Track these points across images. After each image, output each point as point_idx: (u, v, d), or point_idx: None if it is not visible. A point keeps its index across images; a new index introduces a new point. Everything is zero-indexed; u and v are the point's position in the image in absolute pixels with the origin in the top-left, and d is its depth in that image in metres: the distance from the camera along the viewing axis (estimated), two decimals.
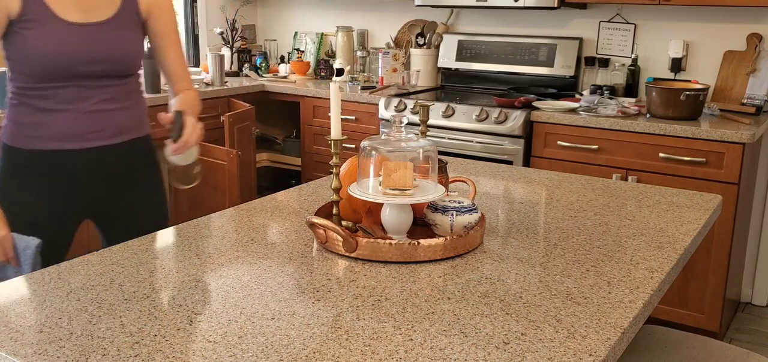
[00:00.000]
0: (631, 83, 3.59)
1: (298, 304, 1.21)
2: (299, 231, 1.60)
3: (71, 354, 1.03)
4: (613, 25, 3.69)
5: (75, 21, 1.78)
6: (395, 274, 1.34)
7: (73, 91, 1.81)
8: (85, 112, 1.83)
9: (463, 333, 1.11)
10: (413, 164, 1.45)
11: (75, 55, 1.77)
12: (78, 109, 1.82)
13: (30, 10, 1.74)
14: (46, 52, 1.75)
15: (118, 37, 1.84)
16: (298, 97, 4.13)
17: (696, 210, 1.81)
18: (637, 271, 1.38)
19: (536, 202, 1.88)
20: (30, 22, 1.74)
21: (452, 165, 2.19)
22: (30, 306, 1.20)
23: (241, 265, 1.38)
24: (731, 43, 3.43)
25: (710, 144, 2.93)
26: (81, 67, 1.79)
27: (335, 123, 1.52)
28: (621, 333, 1.13)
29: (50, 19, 1.75)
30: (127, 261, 1.41)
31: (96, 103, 1.84)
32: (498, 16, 4.04)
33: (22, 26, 1.74)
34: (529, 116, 3.30)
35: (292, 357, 1.03)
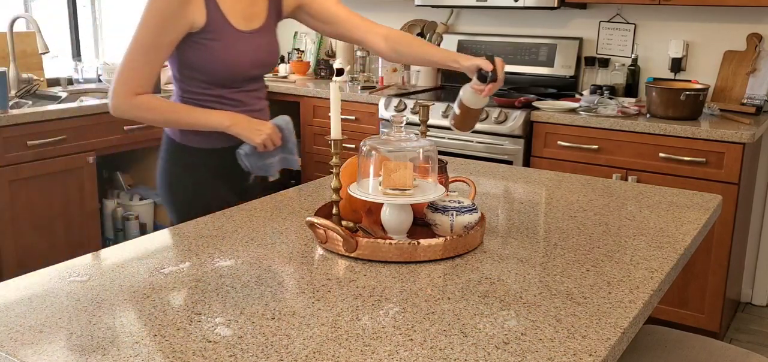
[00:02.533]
0: (631, 83, 3.59)
1: (298, 304, 1.21)
2: (299, 231, 1.60)
3: (71, 354, 1.03)
4: (613, 25, 3.69)
5: (243, 30, 1.92)
6: (395, 274, 1.34)
7: (241, 94, 1.96)
8: (248, 112, 1.96)
9: (463, 333, 1.11)
10: (413, 164, 1.45)
11: (248, 62, 1.93)
12: (247, 110, 1.96)
13: (213, 23, 1.85)
14: (228, 61, 1.89)
15: (270, 41, 2.00)
16: (298, 97, 4.13)
17: (696, 210, 1.81)
18: (637, 271, 1.38)
19: (536, 202, 1.88)
20: (213, 33, 1.86)
21: (452, 165, 2.19)
22: (30, 306, 1.20)
23: (241, 265, 1.38)
24: (731, 43, 3.43)
25: (710, 144, 2.92)
26: (250, 71, 1.95)
27: (335, 123, 1.52)
28: (621, 333, 1.13)
29: (230, 31, 1.89)
30: (127, 261, 1.41)
31: (254, 103, 2.00)
32: (498, 16, 4.04)
33: (205, 37, 1.86)
34: (529, 116, 3.30)
35: (292, 357, 1.03)
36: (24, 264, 3.07)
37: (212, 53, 1.87)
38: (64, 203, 3.26)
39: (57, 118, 3.17)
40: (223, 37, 1.88)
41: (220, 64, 1.88)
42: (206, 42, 1.86)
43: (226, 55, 1.88)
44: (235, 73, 1.92)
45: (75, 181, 3.29)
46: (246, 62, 1.93)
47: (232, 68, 1.90)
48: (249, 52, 1.93)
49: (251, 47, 1.93)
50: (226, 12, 1.88)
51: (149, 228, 3.89)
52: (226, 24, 1.88)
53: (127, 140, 3.52)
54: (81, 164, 3.30)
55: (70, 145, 3.24)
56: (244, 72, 1.94)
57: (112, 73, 3.87)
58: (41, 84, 3.66)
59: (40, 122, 3.11)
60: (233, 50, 1.89)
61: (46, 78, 3.80)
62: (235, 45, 1.90)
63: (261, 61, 1.97)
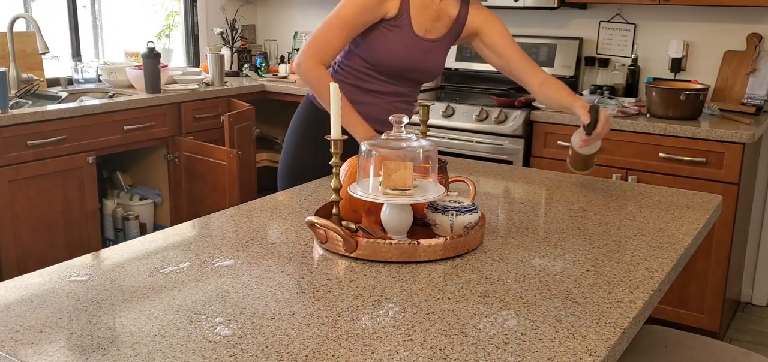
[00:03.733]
0: (631, 83, 3.59)
1: (298, 304, 1.21)
2: (299, 231, 1.60)
3: (71, 354, 1.03)
4: (613, 25, 3.69)
5: (420, 35, 2.12)
6: (395, 274, 1.34)
7: (392, 87, 2.17)
8: (393, 104, 2.18)
9: (463, 333, 1.11)
10: (413, 164, 1.45)
11: (411, 63, 2.13)
12: (390, 101, 2.17)
13: (399, 16, 2.07)
14: (397, 54, 2.10)
15: (439, 55, 2.19)
16: (298, 97, 4.12)
17: (696, 210, 1.81)
18: (637, 271, 1.38)
19: (536, 202, 1.88)
20: (394, 27, 2.08)
21: (452, 165, 2.19)
22: (30, 306, 1.20)
23: (241, 265, 1.38)
24: (731, 43, 3.43)
25: (710, 144, 2.92)
26: (410, 73, 2.16)
27: (335, 123, 1.52)
28: (621, 333, 1.13)
29: (408, 29, 2.09)
30: (127, 261, 1.41)
31: (401, 101, 2.20)
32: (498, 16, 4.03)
33: (387, 27, 2.07)
34: (529, 116, 3.30)
35: (292, 357, 1.03)
36: (24, 264, 3.07)
37: (387, 41, 2.08)
38: (64, 203, 3.26)
39: (57, 118, 3.17)
40: (400, 33, 2.08)
41: (388, 55, 2.09)
42: (386, 30, 2.08)
43: (397, 48, 2.09)
44: (396, 67, 2.12)
45: (75, 181, 3.29)
46: (409, 63, 2.12)
47: (397, 62, 2.10)
48: (416, 55, 2.12)
49: (418, 51, 2.12)
50: (413, 15, 2.09)
51: (149, 228, 3.89)
52: (408, 23, 2.09)
53: (127, 140, 3.52)
54: (81, 164, 3.30)
55: (70, 145, 3.24)
56: (404, 70, 2.14)
57: (112, 74, 3.88)
58: (41, 84, 3.65)
59: (40, 122, 3.11)
60: (404, 47, 2.09)
61: (46, 78, 3.80)
62: (408, 44, 2.10)
63: (423, 67, 2.16)
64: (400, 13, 2.07)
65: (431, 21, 2.12)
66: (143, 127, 3.56)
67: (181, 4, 4.62)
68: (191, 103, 3.81)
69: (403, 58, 2.10)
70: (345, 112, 2.02)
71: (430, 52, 2.15)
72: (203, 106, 3.89)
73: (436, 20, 2.13)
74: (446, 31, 2.16)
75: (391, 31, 2.08)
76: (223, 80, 4.12)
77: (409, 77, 2.17)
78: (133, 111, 3.51)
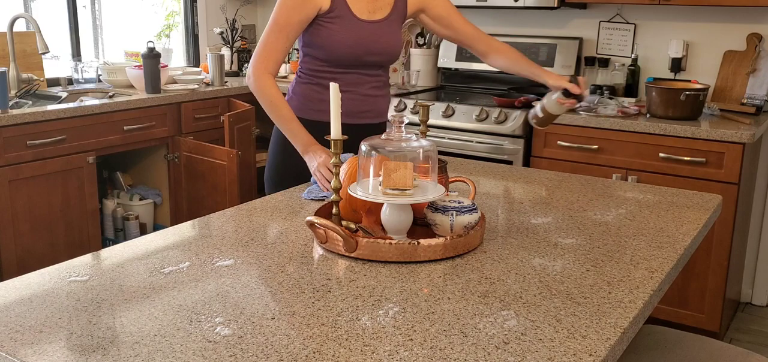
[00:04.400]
0: (631, 83, 3.59)
1: (298, 304, 1.21)
2: (299, 231, 1.60)
3: (71, 354, 1.03)
4: (613, 25, 3.69)
5: (364, 19, 2.11)
6: (395, 274, 1.34)
7: (354, 77, 2.15)
8: (361, 94, 2.17)
9: (463, 333, 1.11)
10: (413, 164, 1.45)
11: (363, 48, 2.11)
12: (357, 92, 2.16)
13: (335, 7, 2.07)
14: (345, 43, 2.09)
15: (391, 33, 2.17)
16: None
17: (696, 210, 1.81)
18: (637, 271, 1.38)
19: (536, 202, 1.88)
20: (335, 18, 2.07)
21: (452, 165, 2.19)
22: (30, 306, 1.20)
23: (241, 265, 1.38)
24: (731, 43, 3.43)
25: (710, 144, 2.92)
26: (366, 57, 2.13)
27: (335, 123, 1.52)
28: (621, 333, 1.13)
29: (350, 17, 2.09)
30: (127, 261, 1.41)
31: (368, 89, 2.19)
32: (498, 16, 4.04)
33: (327, 20, 2.07)
34: None
35: (292, 357, 1.03)
36: (24, 264, 3.07)
37: (330, 34, 2.09)
38: (64, 203, 3.26)
39: (57, 118, 3.17)
40: (342, 21, 2.08)
41: (336, 45, 2.09)
42: (327, 24, 2.08)
43: (343, 37, 2.09)
44: (351, 54, 2.11)
45: (75, 181, 3.29)
46: (361, 48, 2.11)
47: (350, 49, 2.10)
48: (365, 39, 2.11)
49: (369, 34, 2.12)
50: (350, 1, 2.09)
51: (149, 228, 3.89)
52: (347, 10, 2.09)
53: (127, 140, 3.52)
54: (81, 164, 3.30)
55: (70, 145, 3.24)
56: (361, 55, 2.12)
57: (112, 74, 3.88)
58: (41, 84, 3.65)
59: (40, 122, 3.11)
60: (350, 34, 2.09)
61: (46, 78, 3.80)
62: (353, 30, 2.09)
63: (377, 49, 2.14)
64: (335, 3, 2.07)
65: (371, 2, 2.13)
66: (143, 127, 3.56)
67: (181, 4, 4.62)
68: (191, 103, 3.81)
69: (353, 44, 2.10)
70: (287, 123, 2.06)
71: (380, 32, 2.14)
72: (203, 106, 3.88)
73: (376, 1, 2.14)
74: (390, 9, 2.16)
75: (333, 22, 2.08)
76: (223, 80, 4.12)
77: (368, 62, 2.15)
78: (133, 111, 3.51)
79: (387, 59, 2.20)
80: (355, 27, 2.09)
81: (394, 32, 2.19)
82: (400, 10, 2.19)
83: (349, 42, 2.09)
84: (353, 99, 2.14)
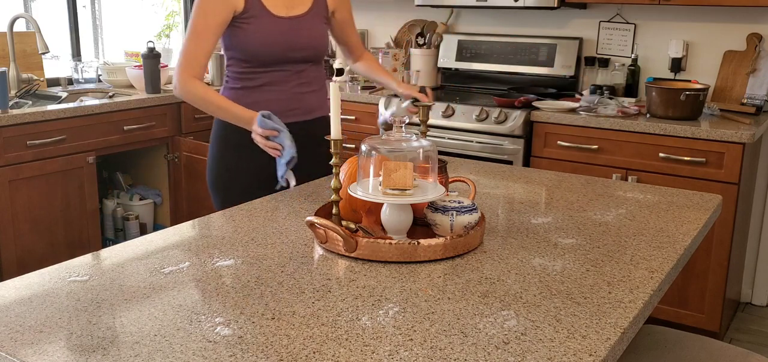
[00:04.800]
0: (631, 83, 3.59)
1: (298, 304, 1.21)
2: (299, 231, 1.60)
3: (71, 354, 1.03)
4: (613, 25, 3.69)
5: (282, 15, 2.11)
6: (395, 274, 1.34)
7: (280, 75, 2.15)
8: (287, 92, 2.17)
9: (463, 333, 1.11)
10: (413, 164, 1.45)
11: (284, 44, 2.11)
12: (282, 90, 2.16)
13: (250, 7, 2.06)
14: (263, 42, 2.09)
15: (313, 28, 2.17)
16: None
17: (696, 210, 1.81)
18: (637, 271, 1.38)
19: (536, 202, 1.88)
20: (250, 17, 2.07)
21: (452, 165, 2.19)
22: (30, 306, 1.20)
23: (241, 265, 1.38)
24: (731, 43, 3.43)
25: (710, 144, 2.92)
26: (288, 53, 2.13)
27: (335, 123, 1.52)
28: (621, 333, 1.13)
29: (265, 15, 2.08)
30: (127, 261, 1.41)
31: (295, 86, 2.18)
32: (498, 16, 4.04)
33: (243, 21, 2.07)
34: (529, 116, 3.30)
35: (292, 357, 1.03)
36: (24, 264, 3.07)
37: (247, 34, 2.08)
38: (64, 203, 3.26)
39: (57, 118, 3.17)
40: (259, 20, 2.07)
41: (255, 45, 2.09)
42: (243, 24, 2.07)
43: (260, 36, 2.08)
44: (270, 52, 2.10)
45: (75, 180, 3.29)
46: (280, 45, 2.10)
47: (268, 48, 2.09)
48: (285, 35, 2.11)
49: (287, 30, 2.11)
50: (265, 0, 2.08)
51: (149, 228, 3.89)
52: (263, 9, 2.08)
53: (127, 140, 3.52)
54: (81, 164, 3.30)
55: (70, 145, 3.24)
56: (281, 53, 2.12)
57: (112, 74, 3.88)
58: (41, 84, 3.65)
59: (40, 122, 3.11)
60: (267, 33, 2.08)
61: (46, 78, 3.80)
62: (270, 28, 2.09)
63: (299, 45, 2.14)
64: (249, 3, 2.06)
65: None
66: (143, 127, 3.56)
67: (181, 4, 4.62)
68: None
69: (271, 42, 2.09)
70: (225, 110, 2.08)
71: (300, 27, 2.14)
72: None
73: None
74: (311, 4, 2.17)
75: (249, 22, 2.07)
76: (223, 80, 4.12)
77: (291, 58, 2.14)
78: (133, 111, 3.51)
79: (312, 54, 2.19)
80: (272, 24, 2.09)
81: (317, 27, 2.19)
82: (321, 5, 2.20)
83: (267, 40, 2.09)
84: (277, 97, 2.14)
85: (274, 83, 2.15)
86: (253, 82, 2.14)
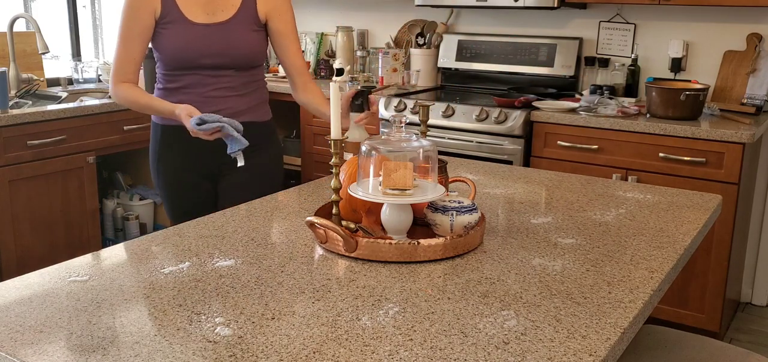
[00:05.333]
0: (631, 83, 3.59)
1: (298, 304, 1.21)
2: (299, 231, 1.60)
3: (71, 354, 1.03)
4: (613, 25, 3.69)
5: (200, 22, 2.12)
6: (395, 274, 1.34)
7: (196, 78, 2.15)
8: (204, 95, 2.15)
9: (463, 333, 1.11)
10: (413, 164, 1.45)
11: (195, 51, 2.11)
12: (199, 93, 2.15)
13: (167, 13, 2.10)
14: (176, 47, 2.11)
15: (235, 35, 2.15)
16: None
17: (696, 210, 1.81)
18: (637, 271, 1.38)
19: (536, 202, 1.88)
20: (167, 23, 2.11)
21: (452, 165, 2.19)
22: (30, 306, 1.20)
23: (241, 265, 1.38)
24: (731, 43, 3.43)
25: (710, 144, 2.92)
26: (200, 59, 2.12)
27: (335, 123, 1.52)
28: (621, 333, 1.13)
29: (181, 21, 2.10)
30: (127, 261, 1.41)
31: (214, 90, 2.17)
32: (498, 16, 4.04)
33: (161, 26, 2.11)
34: (529, 116, 3.30)
35: (292, 357, 1.03)
36: (24, 264, 3.07)
37: (163, 39, 2.12)
38: (64, 203, 3.26)
39: (57, 118, 3.17)
40: (174, 26, 2.10)
41: (168, 50, 2.12)
42: (162, 29, 2.11)
43: (173, 42, 2.11)
44: (184, 58, 2.12)
45: (75, 181, 3.29)
46: (192, 51, 2.11)
47: (178, 54, 2.12)
48: (198, 42, 2.11)
49: (203, 36, 2.11)
50: (181, 5, 2.11)
51: (149, 228, 3.88)
52: (179, 14, 2.10)
53: (127, 140, 3.52)
54: (81, 164, 3.30)
55: (70, 144, 3.24)
56: (195, 58, 2.12)
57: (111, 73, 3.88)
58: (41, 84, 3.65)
59: (40, 122, 3.11)
60: (179, 38, 2.11)
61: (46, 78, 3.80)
62: (182, 34, 2.11)
63: (214, 51, 2.12)
64: (166, 8, 2.09)
65: (209, 4, 2.12)
66: (143, 127, 3.56)
67: None
68: None
69: (182, 48, 2.10)
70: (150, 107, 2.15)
71: (219, 34, 2.12)
72: None
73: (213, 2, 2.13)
74: (236, 10, 2.15)
75: (166, 27, 2.10)
76: None
77: (204, 65, 2.13)
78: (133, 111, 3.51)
79: (231, 61, 2.16)
80: (185, 30, 2.10)
81: (241, 34, 2.15)
82: (250, 11, 2.17)
83: (177, 45, 2.10)
84: (193, 101, 2.12)
85: (190, 87, 2.16)
86: (172, 84, 2.17)
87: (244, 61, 2.19)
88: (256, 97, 2.26)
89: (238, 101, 2.20)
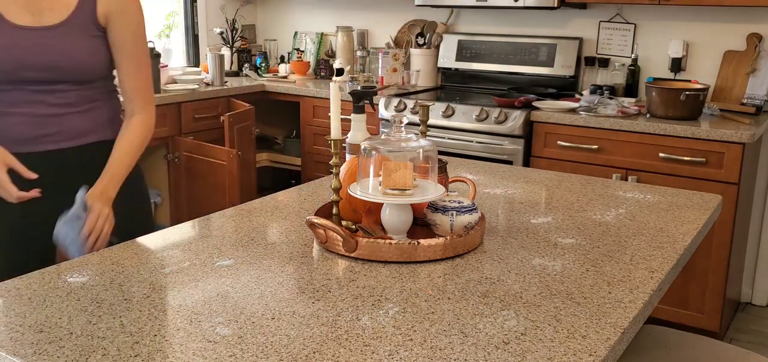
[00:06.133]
0: (631, 83, 3.59)
1: (298, 304, 1.21)
2: (299, 231, 1.60)
3: (71, 354, 1.03)
4: (613, 25, 3.69)
5: (24, 24, 1.67)
6: (395, 274, 1.34)
7: (24, 95, 1.70)
8: (35, 115, 1.72)
9: (463, 333, 1.11)
10: (413, 164, 1.45)
11: (22, 60, 1.67)
12: (28, 113, 1.71)
13: None
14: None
15: (66, 42, 1.71)
16: (298, 97, 4.13)
17: (696, 210, 1.81)
18: (637, 271, 1.38)
19: (536, 202, 1.88)
20: None
21: (452, 165, 2.19)
22: (30, 306, 1.20)
23: (241, 265, 1.38)
24: (731, 43, 3.43)
25: (710, 144, 2.92)
26: (29, 72, 1.68)
27: (335, 123, 1.52)
28: (621, 333, 1.13)
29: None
30: (127, 261, 1.41)
31: (47, 107, 1.73)
32: (498, 16, 4.04)
33: None
34: (529, 116, 3.30)
35: (292, 357, 1.03)
36: None
37: None
38: None
39: None
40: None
41: None
42: None
43: None
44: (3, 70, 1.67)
45: None
46: (19, 59, 1.67)
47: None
48: (25, 49, 1.67)
49: (29, 43, 1.67)
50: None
51: None
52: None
53: None
54: None
55: None
56: (19, 70, 1.67)
57: None
58: None
59: None
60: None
61: None
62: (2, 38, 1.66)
63: (37, 64, 1.68)
64: None
65: (32, 4, 1.68)
66: None
67: (180, 4, 4.62)
68: (191, 103, 3.81)
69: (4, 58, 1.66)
70: None
71: (47, 41, 1.68)
72: (203, 106, 3.88)
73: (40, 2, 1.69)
74: (71, 13, 1.71)
75: None
76: (223, 80, 4.13)
77: (40, 79, 1.69)
78: None
79: (65, 75, 1.71)
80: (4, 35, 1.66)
81: (74, 42, 1.71)
82: (87, 13, 1.73)
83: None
84: (22, 122, 1.71)
85: (16, 105, 1.70)
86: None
87: (81, 74, 1.74)
88: (103, 112, 1.83)
89: (79, 120, 1.77)
